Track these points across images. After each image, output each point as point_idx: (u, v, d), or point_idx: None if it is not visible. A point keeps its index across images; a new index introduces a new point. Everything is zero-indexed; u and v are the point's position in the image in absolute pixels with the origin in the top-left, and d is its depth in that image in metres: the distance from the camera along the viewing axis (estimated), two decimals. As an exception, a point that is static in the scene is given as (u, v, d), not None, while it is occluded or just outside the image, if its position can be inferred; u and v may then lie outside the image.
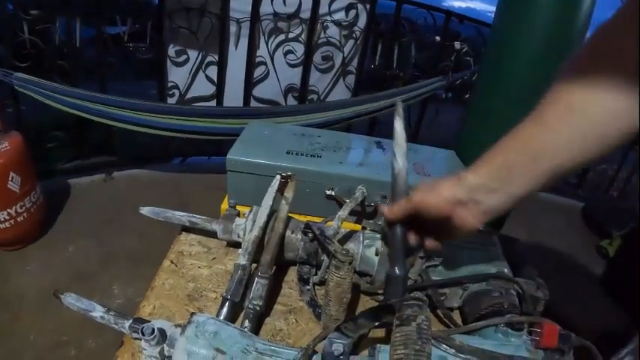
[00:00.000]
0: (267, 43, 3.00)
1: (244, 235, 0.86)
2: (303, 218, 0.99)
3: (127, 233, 2.36)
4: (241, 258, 0.80)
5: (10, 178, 2.12)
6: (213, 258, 0.93)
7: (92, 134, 2.84)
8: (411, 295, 0.58)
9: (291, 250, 0.88)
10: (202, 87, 2.99)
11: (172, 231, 0.99)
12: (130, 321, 0.65)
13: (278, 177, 0.87)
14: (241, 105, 3.03)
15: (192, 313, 0.64)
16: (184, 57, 2.88)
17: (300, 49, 3.05)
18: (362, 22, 3.10)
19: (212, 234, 0.94)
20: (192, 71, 2.92)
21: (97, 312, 0.69)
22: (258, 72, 3.06)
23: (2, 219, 2.15)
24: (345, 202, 0.93)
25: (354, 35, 3.12)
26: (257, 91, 3.10)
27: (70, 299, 0.71)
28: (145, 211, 0.96)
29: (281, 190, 0.87)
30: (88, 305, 0.70)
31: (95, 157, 2.86)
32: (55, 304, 1.98)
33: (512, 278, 0.80)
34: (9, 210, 2.16)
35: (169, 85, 2.89)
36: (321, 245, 0.82)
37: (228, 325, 0.63)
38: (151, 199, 2.56)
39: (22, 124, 2.44)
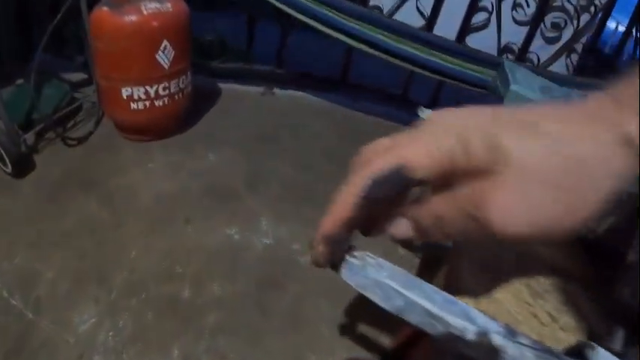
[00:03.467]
0: (496, -11, 2.36)
1: None
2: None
3: (283, 158, 1.78)
4: None
5: (162, 47, 1.63)
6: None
7: (263, 35, 2.33)
8: None
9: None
10: (409, 17, 2.37)
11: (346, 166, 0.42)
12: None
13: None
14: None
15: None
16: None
17: (532, 5, 2.39)
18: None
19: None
20: (403, -5, 2.34)
21: (471, 327, 0.27)
22: (477, 19, 2.44)
23: (137, 97, 1.66)
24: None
25: (590, 9, 2.41)
26: (470, 40, 2.49)
27: (374, 274, 0.29)
28: None
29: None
30: (445, 306, 0.27)
31: (259, 64, 2.36)
32: (175, 220, 1.04)
33: None
34: (148, 87, 1.66)
35: (371, 3, 2.34)
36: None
37: None
38: (313, 127, 2.05)
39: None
